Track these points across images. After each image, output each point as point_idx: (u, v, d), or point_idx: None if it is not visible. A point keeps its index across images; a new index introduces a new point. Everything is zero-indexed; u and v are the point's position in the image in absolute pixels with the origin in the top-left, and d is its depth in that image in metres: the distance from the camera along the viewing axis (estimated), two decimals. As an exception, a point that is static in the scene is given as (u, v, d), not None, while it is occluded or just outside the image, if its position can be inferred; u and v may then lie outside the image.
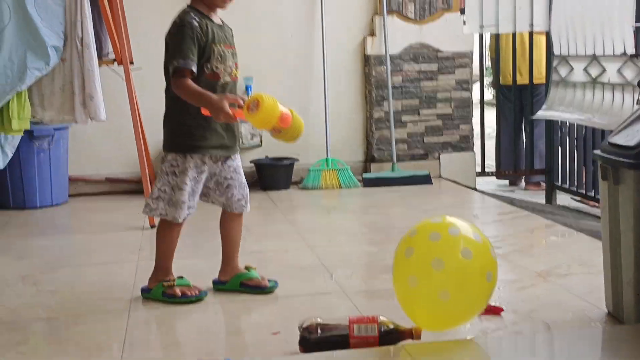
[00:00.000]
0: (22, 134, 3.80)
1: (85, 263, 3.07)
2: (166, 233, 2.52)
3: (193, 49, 2.36)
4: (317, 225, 3.70)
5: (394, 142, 4.85)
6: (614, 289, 2.22)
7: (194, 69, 2.37)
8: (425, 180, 4.73)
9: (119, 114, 4.54)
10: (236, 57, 2.53)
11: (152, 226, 3.66)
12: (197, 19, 2.40)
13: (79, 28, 3.67)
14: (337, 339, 1.98)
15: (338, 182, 4.70)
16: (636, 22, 3.95)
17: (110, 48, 4.05)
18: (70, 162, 4.52)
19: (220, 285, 2.62)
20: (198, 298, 2.48)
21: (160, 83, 2.41)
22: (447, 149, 5.03)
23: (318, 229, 3.61)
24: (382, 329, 1.99)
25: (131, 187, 4.70)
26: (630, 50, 3.97)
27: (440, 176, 5.00)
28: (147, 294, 2.54)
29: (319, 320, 2.03)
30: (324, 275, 2.77)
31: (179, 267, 2.94)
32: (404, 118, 4.96)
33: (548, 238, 3.31)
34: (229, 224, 2.62)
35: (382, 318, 2.02)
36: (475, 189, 4.91)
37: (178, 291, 2.48)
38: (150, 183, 4.17)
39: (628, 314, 2.15)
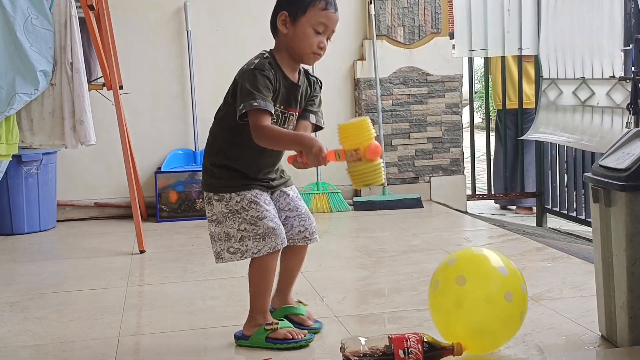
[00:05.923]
0: (10, 159, 3.78)
1: (74, 289, 3.04)
2: (263, 270, 2.23)
3: (269, 93, 2.15)
4: (308, 249, 3.67)
5: (384, 166, 4.85)
6: (607, 312, 2.21)
7: (272, 111, 2.15)
8: (416, 203, 4.72)
9: (108, 138, 4.53)
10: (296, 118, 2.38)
11: (142, 251, 3.63)
12: (272, 72, 2.19)
13: (69, 53, 3.67)
14: None
15: (329, 206, 4.69)
16: (624, 45, 3.99)
17: (99, 73, 4.05)
18: (58, 187, 4.49)
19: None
20: (307, 341, 2.27)
21: (149, 107, 2.39)
22: (437, 172, 5.04)
23: (309, 253, 3.56)
24: (425, 347, 1.98)
25: (120, 212, 4.68)
26: (619, 73, 4.00)
27: (431, 199, 5.00)
28: (245, 341, 2.27)
29: (362, 342, 1.99)
30: (315, 300, 2.75)
31: (169, 292, 2.92)
32: (394, 141, 4.96)
33: (539, 261, 3.30)
34: (288, 256, 2.41)
35: (424, 335, 2.01)
36: (466, 212, 4.91)
37: (286, 334, 2.24)
38: (140, 208, 4.15)
39: (621, 337, 2.14)
